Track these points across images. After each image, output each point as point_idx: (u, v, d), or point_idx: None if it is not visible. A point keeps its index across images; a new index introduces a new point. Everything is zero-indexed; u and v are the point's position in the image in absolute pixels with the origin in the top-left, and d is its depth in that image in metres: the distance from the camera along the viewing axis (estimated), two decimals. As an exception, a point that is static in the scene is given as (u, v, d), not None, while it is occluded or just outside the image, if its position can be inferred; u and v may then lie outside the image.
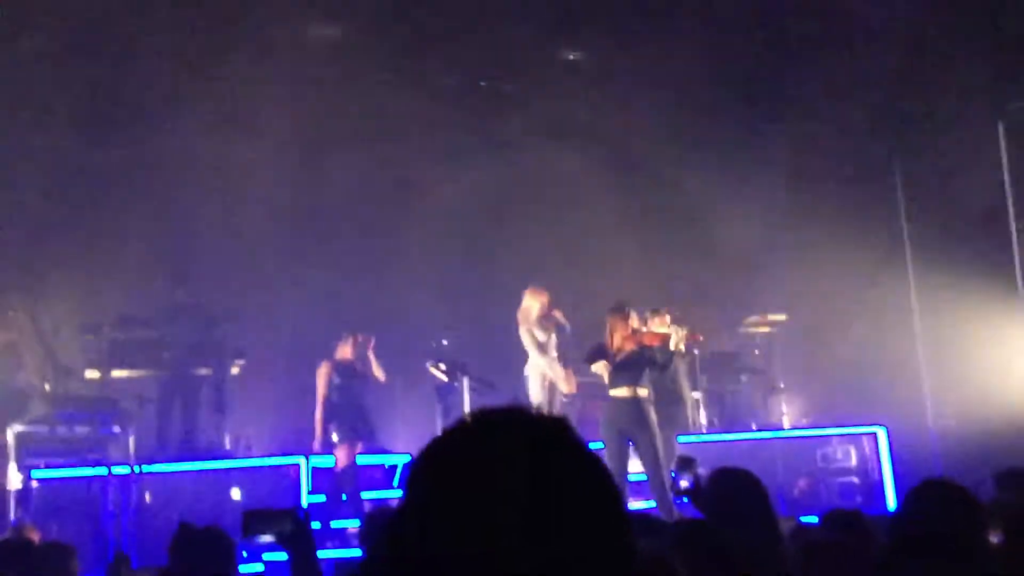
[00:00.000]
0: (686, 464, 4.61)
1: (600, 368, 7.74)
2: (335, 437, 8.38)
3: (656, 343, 7.76)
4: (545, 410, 1.14)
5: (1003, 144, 10.15)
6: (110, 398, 7.93)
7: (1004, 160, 10.15)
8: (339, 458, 8.37)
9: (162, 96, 9.83)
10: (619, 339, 7.73)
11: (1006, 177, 10.16)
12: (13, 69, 9.53)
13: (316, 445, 8.43)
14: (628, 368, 7.61)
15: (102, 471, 7.30)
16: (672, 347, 7.79)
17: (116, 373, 8.54)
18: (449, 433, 1.09)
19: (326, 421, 8.40)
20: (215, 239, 9.88)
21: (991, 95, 10.22)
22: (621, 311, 7.87)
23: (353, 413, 8.49)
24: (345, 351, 8.72)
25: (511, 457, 1.02)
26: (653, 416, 7.59)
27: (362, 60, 10.29)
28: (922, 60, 10.01)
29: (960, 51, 10.15)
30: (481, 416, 1.09)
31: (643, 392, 7.60)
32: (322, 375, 8.52)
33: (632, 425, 7.50)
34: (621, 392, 7.60)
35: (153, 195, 9.70)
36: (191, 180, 9.27)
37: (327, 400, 8.46)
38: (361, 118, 10.58)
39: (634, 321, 7.87)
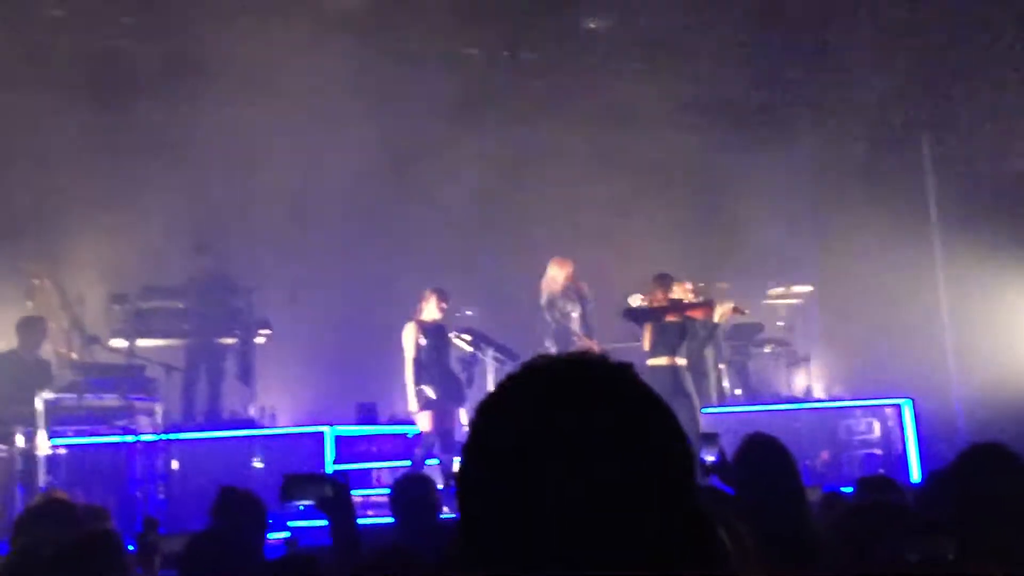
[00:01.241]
0: (709, 439, 4.59)
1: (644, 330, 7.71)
2: (431, 393, 8.25)
3: (700, 316, 7.75)
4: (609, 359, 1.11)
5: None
6: (136, 366, 7.96)
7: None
8: (423, 422, 8.33)
9: (184, 65, 9.80)
10: (662, 308, 7.72)
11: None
12: (34, 39, 9.54)
13: (410, 408, 8.39)
14: (670, 338, 7.61)
15: (129, 439, 7.36)
16: (716, 319, 7.79)
17: (142, 342, 8.57)
18: (517, 380, 1.06)
19: (416, 383, 8.31)
20: (241, 208, 9.89)
21: (1020, 66, 10.07)
22: (664, 280, 7.86)
23: (442, 375, 8.42)
24: (431, 311, 8.60)
25: (583, 403, 1.00)
26: (691, 385, 7.60)
27: (383, 31, 10.24)
28: (951, 31, 9.87)
29: (990, 21, 10.00)
30: (549, 364, 1.06)
31: (682, 361, 7.60)
32: (409, 336, 8.42)
33: (670, 394, 7.50)
34: (660, 361, 7.61)
35: (178, 164, 9.69)
36: (217, 149, 9.25)
37: (415, 362, 8.35)
38: (382, 88, 10.54)
39: (678, 291, 7.86)
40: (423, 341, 8.43)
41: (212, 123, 9.14)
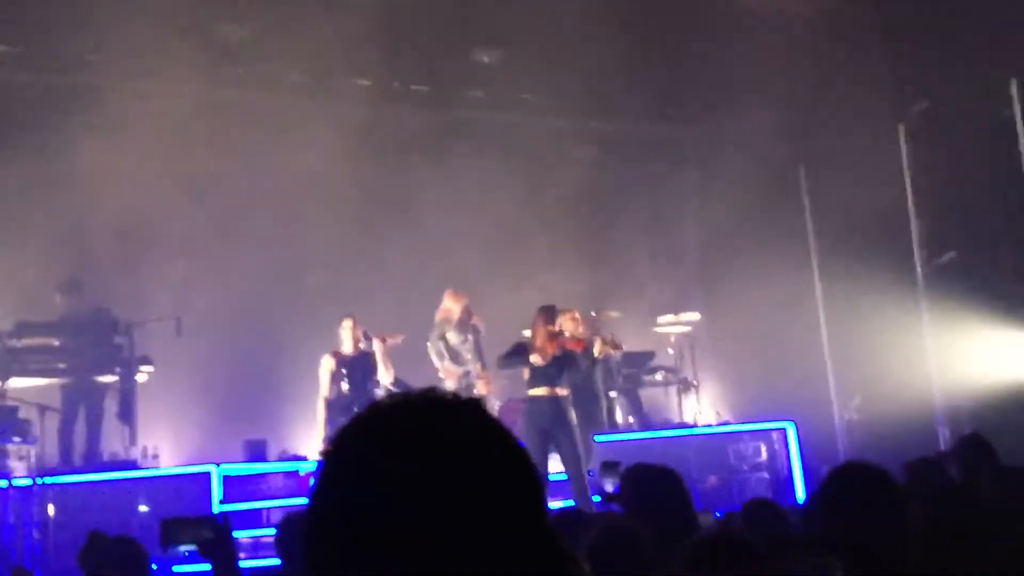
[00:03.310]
0: (610, 468, 4.62)
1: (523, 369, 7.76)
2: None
3: (579, 348, 7.85)
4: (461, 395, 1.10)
5: (903, 146, 10.52)
6: (8, 407, 7.59)
7: (904, 161, 10.51)
8: None
9: (60, 96, 9.53)
10: (542, 340, 7.77)
11: (906, 178, 10.52)
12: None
13: (320, 446, 8.14)
14: (548, 369, 7.67)
15: (1, 484, 6.99)
16: (596, 354, 7.90)
17: (14, 382, 8.17)
18: (366, 419, 1.04)
19: (328, 419, 8.02)
20: (120, 242, 9.58)
21: (891, 98, 10.58)
22: (547, 313, 7.93)
23: (358, 406, 8.15)
24: (348, 342, 8.28)
25: (431, 440, 0.98)
26: (573, 415, 7.65)
27: (270, 61, 10.15)
28: (824, 65, 10.31)
29: (861, 54, 10.49)
30: (398, 401, 1.04)
31: (562, 392, 7.66)
32: (324, 370, 8.12)
33: (552, 424, 7.54)
34: (541, 391, 7.65)
35: (54, 196, 9.34)
36: (94, 181, 8.96)
37: (327, 399, 8.07)
38: (269, 118, 10.43)
39: (562, 323, 7.93)
40: (340, 374, 8.18)
41: (90, 155, 8.86)
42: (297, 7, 9.13)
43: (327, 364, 8.20)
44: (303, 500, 6.44)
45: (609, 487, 4.41)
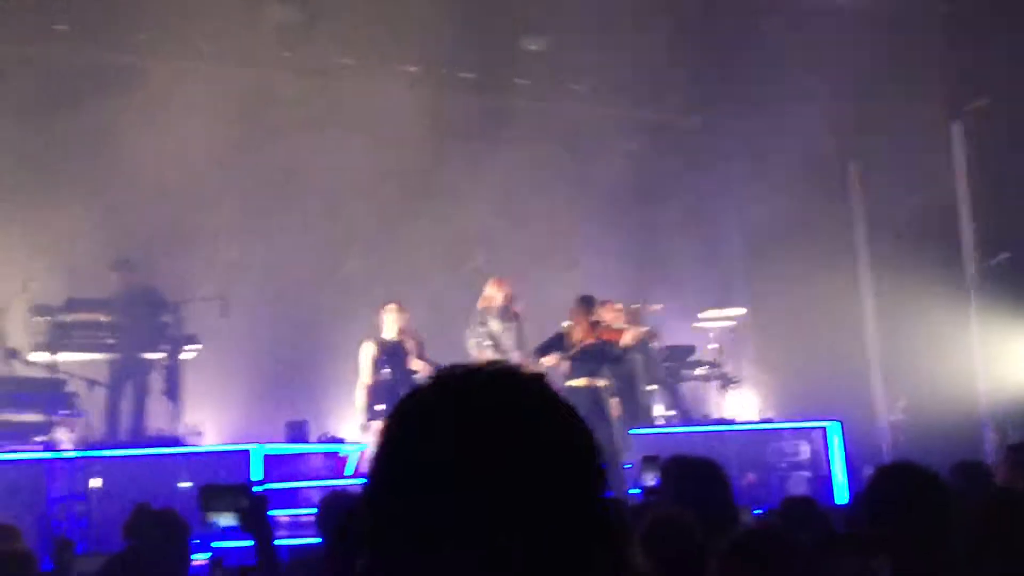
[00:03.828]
0: (651, 462, 4.58)
1: (550, 361, 7.74)
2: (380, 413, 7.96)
3: (615, 338, 7.80)
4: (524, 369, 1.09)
5: (957, 145, 10.32)
6: (57, 381, 7.73)
7: (958, 161, 10.32)
8: (371, 439, 8.14)
9: (114, 76, 9.63)
10: (580, 331, 7.74)
11: (960, 177, 10.33)
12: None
13: (360, 431, 8.20)
14: (586, 360, 7.64)
15: (48, 456, 7.13)
16: (625, 343, 7.83)
17: (64, 356, 8.31)
18: (427, 391, 1.03)
19: (367, 404, 8.08)
20: (170, 221, 9.71)
21: (947, 96, 10.38)
22: (585, 304, 7.90)
23: (397, 393, 8.13)
24: (390, 327, 8.29)
25: (495, 412, 0.98)
26: (611, 407, 7.62)
27: (319, 45, 10.20)
28: (878, 60, 10.14)
29: (916, 52, 10.30)
30: (463, 373, 1.03)
31: (601, 383, 7.62)
32: (366, 356, 8.18)
33: (590, 415, 7.50)
34: (579, 382, 7.62)
35: (106, 175, 9.50)
36: (147, 160, 9.07)
37: (367, 384, 8.11)
38: (318, 102, 10.49)
39: (603, 314, 7.89)
40: (382, 360, 8.21)
41: (140, 135, 8.96)
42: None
43: (368, 349, 8.23)
44: (341, 481, 6.53)
45: (650, 481, 4.38)
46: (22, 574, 2.92)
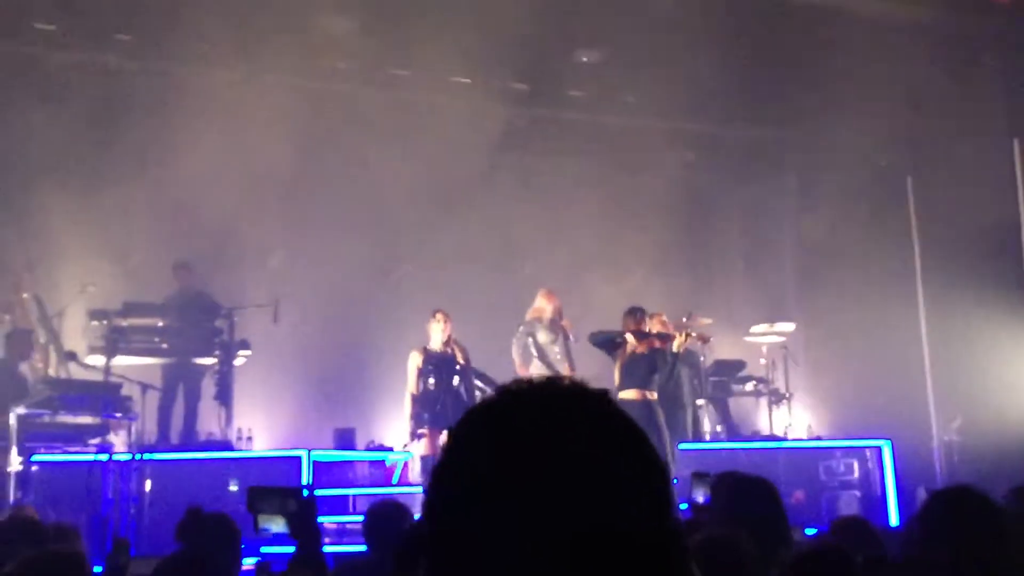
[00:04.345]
0: (701, 479, 4.52)
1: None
2: (426, 422, 8.05)
3: (665, 346, 7.73)
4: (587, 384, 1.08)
5: (1018, 162, 10.11)
6: (113, 384, 7.86)
7: (1018, 177, 10.11)
8: (419, 448, 8.16)
9: (174, 85, 9.82)
10: (632, 341, 7.70)
11: (1019, 194, 10.12)
12: (24, 52, 9.54)
13: (407, 438, 8.23)
14: (638, 370, 7.59)
15: (103, 458, 7.25)
16: (675, 349, 7.75)
17: (119, 360, 8.47)
18: (496, 404, 1.02)
19: (413, 413, 8.13)
20: (224, 229, 9.85)
21: (1008, 113, 10.18)
22: (636, 314, 7.86)
23: (444, 403, 8.19)
24: (436, 337, 8.35)
25: (567, 429, 0.97)
26: (663, 419, 7.56)
27: (372, 55, 10.30)
28: (938, 75, 9.98)
29: (976, 64, 10.12)
30: (528, 389, 1.03)
31: (652, 395, 7.57)
32: (412, 364, 8.24)
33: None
34: (630, 394, 7.57)
35: (164, 183, 9.68)
36: (204, 169, 9.22)
37: (414, 393, 8.16)
38: (370, 113, 10.58)
39: (651, 327, 7.84)
40: (428, 369, 8.24)
41: (199, 144, 9.12)
42: (401, 2, 9.25)
43: (415, 359, 8.28)
44: (388, 489, 6.56)
45: (700, 498, 4.32)
46: (73, 572, 2.97)
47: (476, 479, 0.96)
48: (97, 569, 3.39)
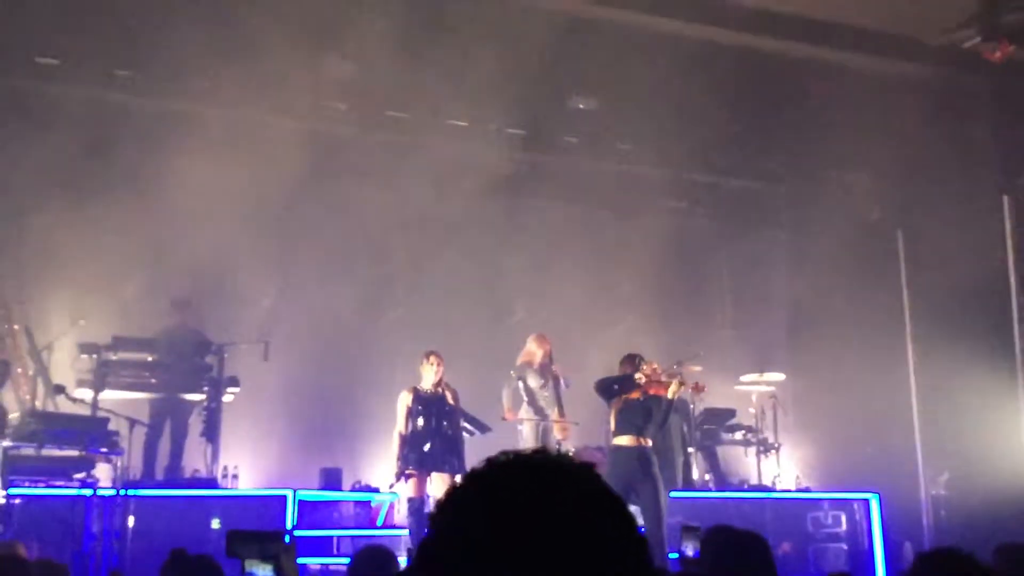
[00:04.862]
0: (691, 532, 4.51)
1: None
2: (414, 463, 7.98)
3: (661, 392, 7.71)
4: (573, 457, 1.11)
5: (1008, 218, 10.22)
6: (100, 419, 7.82)
7: (1008, 233, 10.21)
8: (405, 490, 8.11)
9: (168, 120, 9.87)
10: (644, 380, 7.68)
11: (1009, 251, 10.20)
12: (18, 84, 9.60)
13: (394, 479, 8.21)
14: (634, 417, 7.56)
15: (87, 492, 7.19)
16: (670, 396, 7.73)
17: (108, 394, 8.43)
18: (488, 474, 1.05)
19: (401, 452, 8.06)
20: (216, 266, 9.85)
21: (998, 168, 10.30)
22: (632, 360, 7.86)
23: (433, 443, 8.10)
24: (429, 377, 8.30)
25: (556, 506, 1.00)
26: (656, 467, 7.53)
27: (371, 98, 10.39)
28: (929, 131, 10.11)
29: (967, 121, 10.26)
30: (521, 461, 1.06)
31: (647, 442, 7.55)
32: (402, 404, 8.20)
33: (637, 475, 7.42)
34: (625, 441, 7.55)
35: (157, 218, 9.69)
36: (197, 205, 9.25)
37: (402, 434, 8.10)
38: (367, 156, 10.66)
39: (645, 372, 7.81)
40: (418, 409, 8.21)
41: (193, 180, 9.16)
42: (402, 47, 9.35)
43: (404, 399, 8.25)
44: (372, 532, 6.52)
45: (689, 551, 4.30)
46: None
47: (469, 544, 0.98)
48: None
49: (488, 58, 9.26)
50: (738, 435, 10.67)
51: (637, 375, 7.65)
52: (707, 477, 10.38)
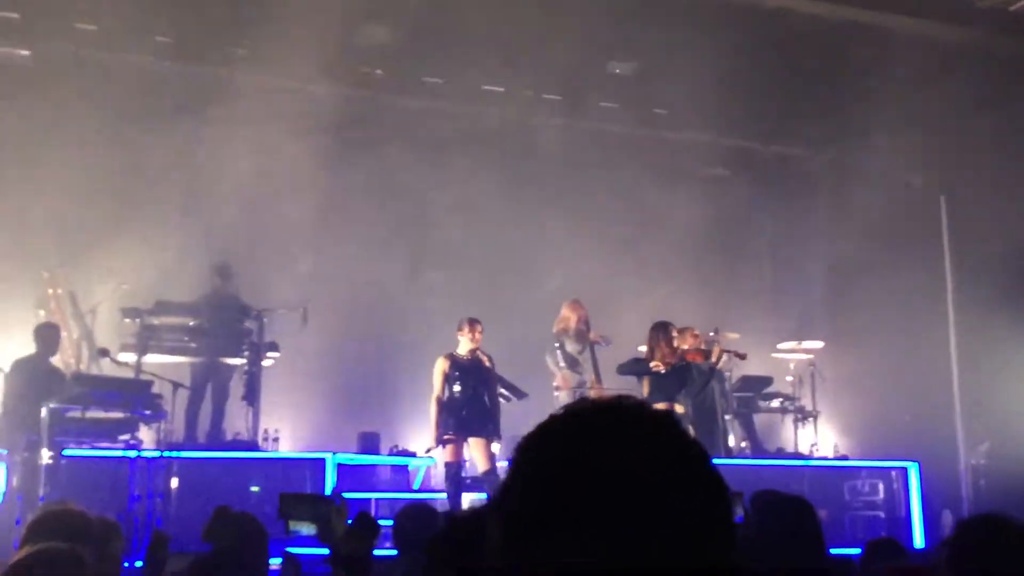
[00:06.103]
0: (733, 499, 4.49)
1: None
2: (452, 428, 8.05)
3: (699, 360, 7.70)
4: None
5: (1053, 183, 10.03)
6: (143, 382, 7.94)
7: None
8: (443, 455, 8.17)
9: (213, 90, 9.91)
10: (660, 355, 7.67)
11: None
12: (66, 52, 9.67)
13: (432, 444, 8.28)
14: (668, 384, 7.56)
15: (131, 454, 7.33)
16: (713, 359, 7.71)
17: (150, 358, 8.56)
18: (559, 421, 1.04)
19: (439, 419, 8.13)
20: (257, 231, 9.94)
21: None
22: (664, 327, 7.85)
23: (471, 410, 8.17)
24: (466, 343, 8.35)
25: (641, 451, 0.99)
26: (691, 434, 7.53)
27: (406, 63, 10.37)
28: (971, 94, 9.92)
29: (1013, 87, 10.05)
30: (600, 406, 1.05)
31: (680, 408, 7.55)
32: (438, 371, 8.26)
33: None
34: (659, 407, 7.55)
35: (199, 184, 9.79)
36: (239, 172, 9.32)
37: (439, 399, 8.17)
38: (398, 122, 10.65)
39: (680, 340, 7.80)
40: (454, 376, 8.25)
41: (234, 145, 9.21)
42: (437, 11, 9.30)
43: (441, 365, 8.29)
44: (409, 495, 6.57)
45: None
46: (112, 572, 2.99)
47: (549, 485, 0.98)
48: (138, 564, 3.42)
49: (525, 23, 9.19)
50: (775, 403, 10.62)
51: (653, 363, 7.63)
52: (743, 444, 10.35)
